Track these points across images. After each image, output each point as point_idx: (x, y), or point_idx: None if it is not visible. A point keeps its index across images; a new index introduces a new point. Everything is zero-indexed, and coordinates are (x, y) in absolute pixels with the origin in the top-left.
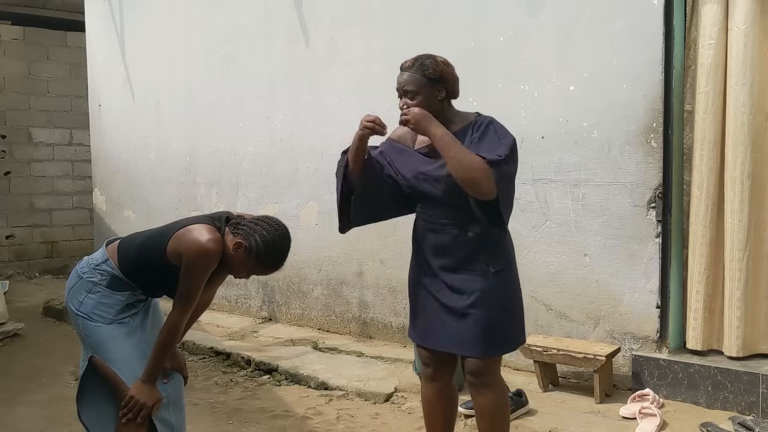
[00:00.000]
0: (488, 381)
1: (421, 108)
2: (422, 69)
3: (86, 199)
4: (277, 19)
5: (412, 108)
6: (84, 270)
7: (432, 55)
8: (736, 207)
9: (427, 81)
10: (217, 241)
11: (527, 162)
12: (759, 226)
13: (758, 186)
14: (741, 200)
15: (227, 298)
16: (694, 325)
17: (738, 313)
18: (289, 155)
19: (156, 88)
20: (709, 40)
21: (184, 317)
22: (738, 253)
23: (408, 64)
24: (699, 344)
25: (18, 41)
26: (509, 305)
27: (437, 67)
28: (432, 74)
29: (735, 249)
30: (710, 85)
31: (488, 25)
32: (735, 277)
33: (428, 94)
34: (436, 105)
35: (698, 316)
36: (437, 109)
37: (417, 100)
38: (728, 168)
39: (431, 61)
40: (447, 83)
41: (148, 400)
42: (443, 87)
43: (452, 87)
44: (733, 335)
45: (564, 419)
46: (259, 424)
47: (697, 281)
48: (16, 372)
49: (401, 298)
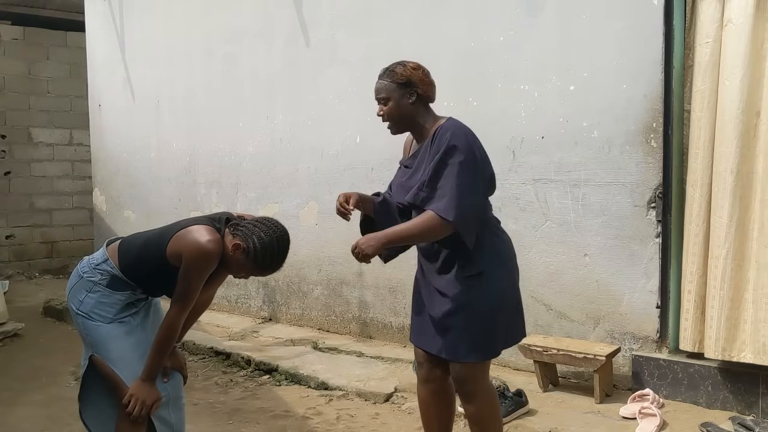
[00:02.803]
0: (472, 388)
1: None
2: (391, 75)
3: (86, 199)
4: (277, 19)
5: (359, 246)
6: (84, 269)
7: (403, 62)
8: (718, 203)
9: (396, 86)
10: (216, 242)
11: (527, 162)
12: (745, 225)
13: (745, 182)
14: (723, 196)
15: (227, 298)
16: (686, 325)
17: (712, 314)
18: (289, 155)
19: (156, 88)
20: (707, 39)
21: (181, 317)
22: (716, 250)
23: (381, 72)
24: (690, 345)
25: (18, 41)
26: (483, 310)
27: (405, 72)
28: (399, 79)
29: (714, 246)
30: (706, 83)
31: (488, 25)
32: (715, 276)
33: (398, 99)
34: (406, 108)
35: (689, 316)
36: (408, 113)
37: (389, 105)
38: (716, 164)
39: (400, 68)
40: (416, 86)
41: (148, 399)
42: (413, 90)
43: (424, 90)
44: (713, 337)
45: (564, 419)
46: (259, 424)
47: (689, 281)
48: (16, 372)
49: (401, 298)
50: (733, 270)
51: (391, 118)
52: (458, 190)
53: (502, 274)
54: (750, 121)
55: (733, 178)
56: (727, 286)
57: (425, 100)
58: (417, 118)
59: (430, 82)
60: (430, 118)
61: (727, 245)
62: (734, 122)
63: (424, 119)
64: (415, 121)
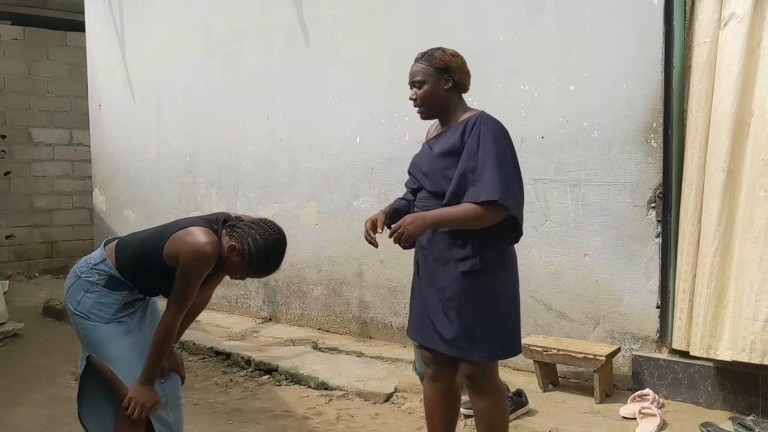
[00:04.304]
0: (483, 386)
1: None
2: (430, 59)
3: (86, 199)
4: (277, 19)
5: (405, 225)
6: (82, 269)
7: (442, 48)
8: (709, 202)
9: (434, 70)
10: (213, 245)
11: (527, 162)
12: (732, 222)
13: (735, 181)
14: (714, 194)
15: (227, 298)
16: (679, 324)
17: (698, 311)
18: (289, 155)
19: (156, 88)
20: (704, 39)
21: (178, 318)
22: (704, 248)
23: (419, 56)
24: (683, 344)
25: (18, 41)
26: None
27: (444, 57)
28: (438, 63)
29: (703, 244)
30: (703, 83)
31: (488, 25)
32: (702, 273)
33: (434, 84)
34: (441, 94)
35: (683, 315)
36: (442, 99)
37: (424, 89)
38: (708, 163)
39: (439, 52)
40: (453, 73)
41: (147, 402)
42: (450, 77)
43: (460, 78)
44: (698, 335)
45: (564, 419)
46: (259, 424)
47: (684, 280)
48: (16, 372)
49: (401, 298)
50: (719, 268)
51: (425, 103)
52: (505, 179)
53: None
54: (743, 120)
55: (724, 177)
56: (714, 284)
57: (461, 88)
58: (450, 105)
59: (467, 71)
60: (462, 108)
61: (715, 243)
62: (727, 121)
63: (456, 107)
64: (447, 107)
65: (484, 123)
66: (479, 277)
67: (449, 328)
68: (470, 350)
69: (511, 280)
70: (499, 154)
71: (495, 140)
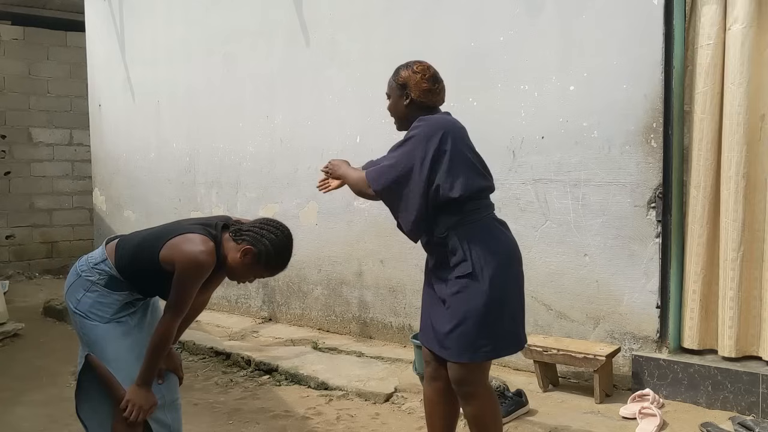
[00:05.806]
0: (470, 390)
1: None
2: (396, 74)
3: (86, 199)
4: (277, 20)
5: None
6: (83, 268)
7: (410, 63)
8: (730, 207)
9: (396, 86)
10: (209, 253)
11: (527, 162)
12: (752, 226)
13: (752, 186)
14: (735, 200)
15: (227, 298)
16: (691, 324)
17: (731, 314)
18: (289, 155)
19: (156, 88)
20: (708, 41)
21: (174, 324)
22: (732, 253)
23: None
24: (695, 344)
25: (18, 41)
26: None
27: (404, 74)
28: (399, 80)
29: (729, 249)
30: (708, 85)
31: (488, 25)
32: (728, 276)
33: (396, 99)
34: (401, 109)
35: (695, 315)
36: (401, 113)
37: (389, 102)
38: (724, 168)
39: (404, 69)
40: (410, 90)
41: (145, 404)
42: (407, 93)
43: (417, 95)
44: (725, 335)
45: (564, 419)
46: (259, 424)
47: (694, 281)
48: (16, 372)
49: (401, 298)
50: (745, 271)
51: (392, 115)
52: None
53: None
54: (755, 125)
55: (745, 183)
56: (743, 287)
57: (420, 105)
58: (411, 119)
59: (429, 88)
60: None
61: (742, 248)
62: (742, 127)
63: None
64: (406, 121)
65: (411, 129)
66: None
67: (439, 329)
68: (450, 351)
69: (501, 283)
70: (395, 149)
71: (406, 138)
